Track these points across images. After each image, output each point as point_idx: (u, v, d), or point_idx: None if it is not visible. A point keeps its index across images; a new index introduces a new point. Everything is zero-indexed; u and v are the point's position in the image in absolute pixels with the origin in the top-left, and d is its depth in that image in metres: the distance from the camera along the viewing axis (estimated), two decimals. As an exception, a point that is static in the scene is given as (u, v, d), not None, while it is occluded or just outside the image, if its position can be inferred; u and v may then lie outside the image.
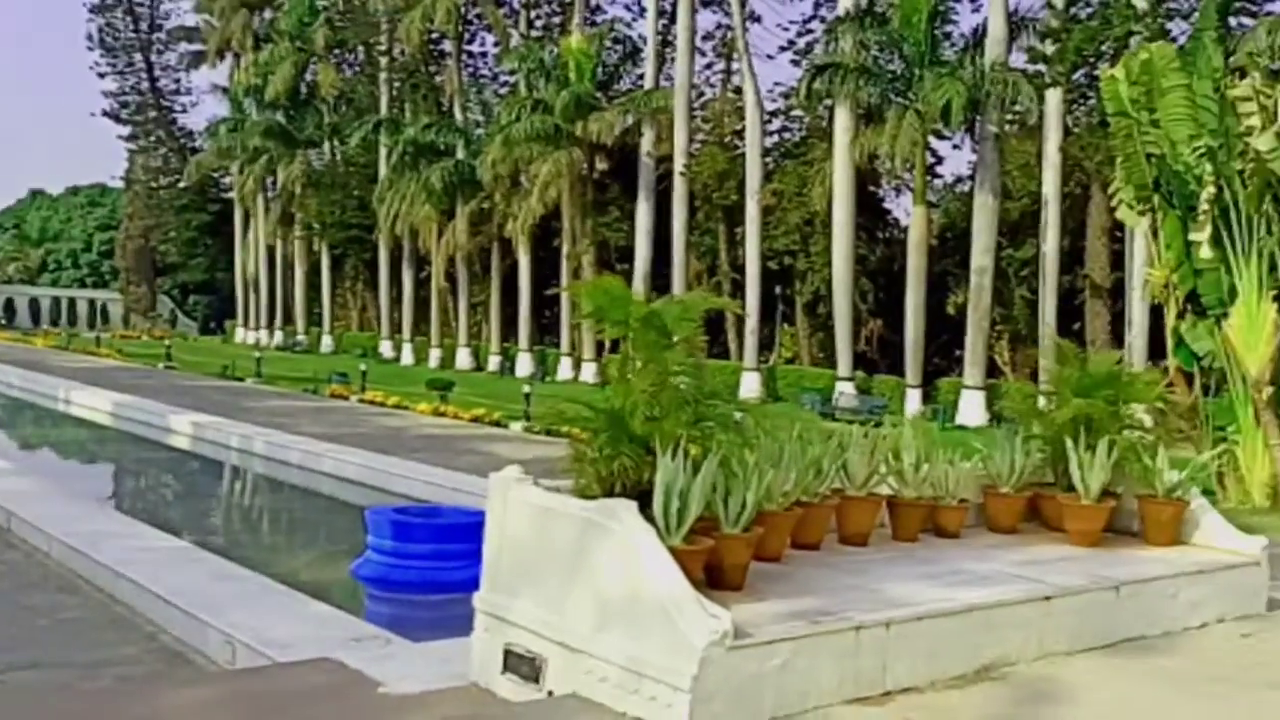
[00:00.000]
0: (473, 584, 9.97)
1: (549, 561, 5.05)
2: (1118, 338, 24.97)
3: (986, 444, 7.74)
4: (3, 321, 67.52)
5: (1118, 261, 26.67)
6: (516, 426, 21.88)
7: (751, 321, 32.93)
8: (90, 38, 69.40)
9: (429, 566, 9.85)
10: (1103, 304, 27.30)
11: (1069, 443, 6.56)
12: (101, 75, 70.28)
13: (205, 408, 22.05)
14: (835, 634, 4.61)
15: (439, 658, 5.91)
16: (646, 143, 37.35)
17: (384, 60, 49.99)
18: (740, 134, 37.96)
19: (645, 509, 4.87)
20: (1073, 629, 5.40)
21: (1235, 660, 5.40)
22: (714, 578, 5.08)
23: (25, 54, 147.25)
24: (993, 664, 5.07)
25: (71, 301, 73.40)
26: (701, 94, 39.34)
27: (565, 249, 39.69)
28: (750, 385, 32.12)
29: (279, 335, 58.12)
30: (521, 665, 5.00)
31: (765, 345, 36.24)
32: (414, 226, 46.16)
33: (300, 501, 15.24)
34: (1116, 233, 26.07)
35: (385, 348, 49.55)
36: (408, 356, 47.69)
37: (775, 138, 38.47)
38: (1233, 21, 20.59)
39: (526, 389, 24.38)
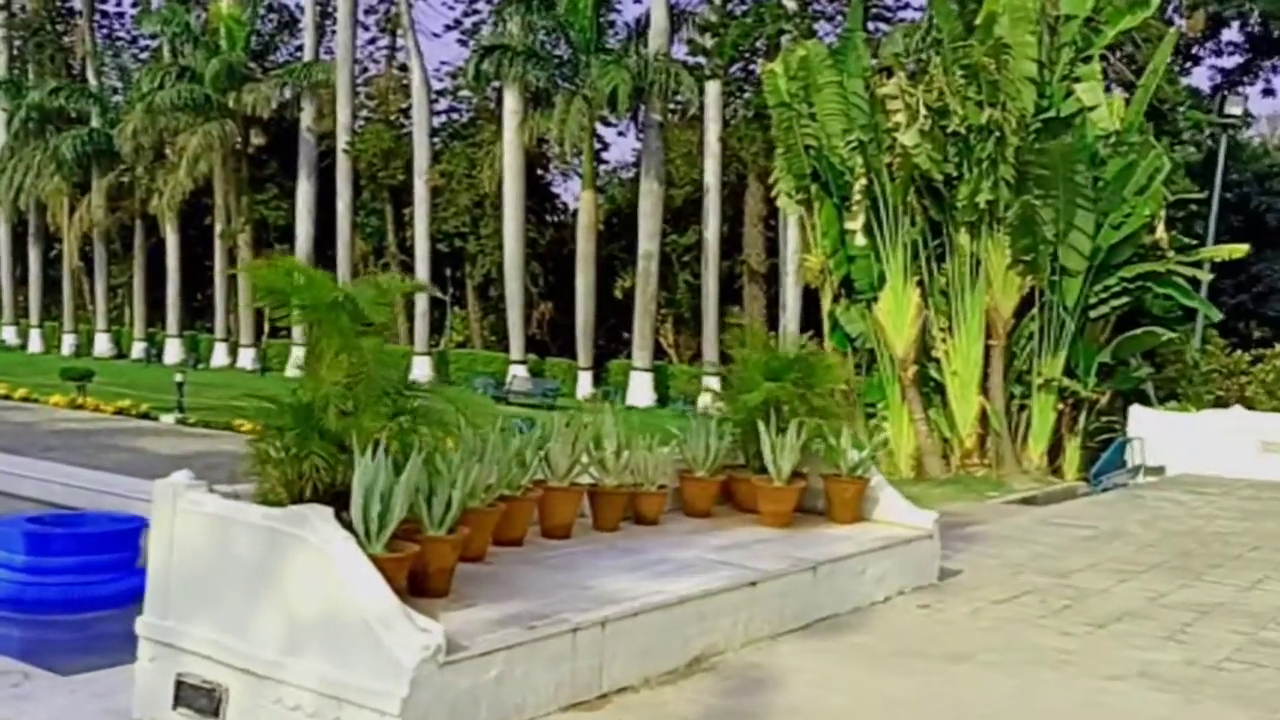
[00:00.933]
0: (126, 598, 9.04)
1: (229, 578, 4.49)
2: (772, 320, 26.46)
3: (652, 424, 7.78)
4: None
5: (772, 248, 28.24)
6: (168, 419, 20.26)
7: (422, 304, 32.26)
8: None
9: (72, 582, 8.75)
10: (759, 288, 28.83)
11: (761, 426, 6.67)
12: None
13: None
14: (552, 638, 4.37)
15: (92, 692, 5.12)
16: (307, 117, 35.68)
17: (1, 15, 44.70)
18: (406, 113, 37.05)
19: (340, 514, 4.42)
20: (776, 613, 5.45)
21: (919, 633, 5.65)
22: (417, 584, 4.71)
23: None
24: (703, 654, 5.02)
25: None
26: (365, 70, 38.07)
27: (219, 228, 37.25)
28: (422, 370, 31.49)
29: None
30: (198, 697, 4.41)
31: (435, 328, 35.64)
32: (41, 200, 41.81)
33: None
34: (770, 220, 27.59)
35: (8, 334, 44.66)
36: (36, 344, 43.17)
37: (443, 118, 37.83)
38: (871, 26, 22.29)
39: (179, 377, 22.62)
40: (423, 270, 32.17)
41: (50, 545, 8.84)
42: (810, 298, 22.69)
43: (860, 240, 14.09)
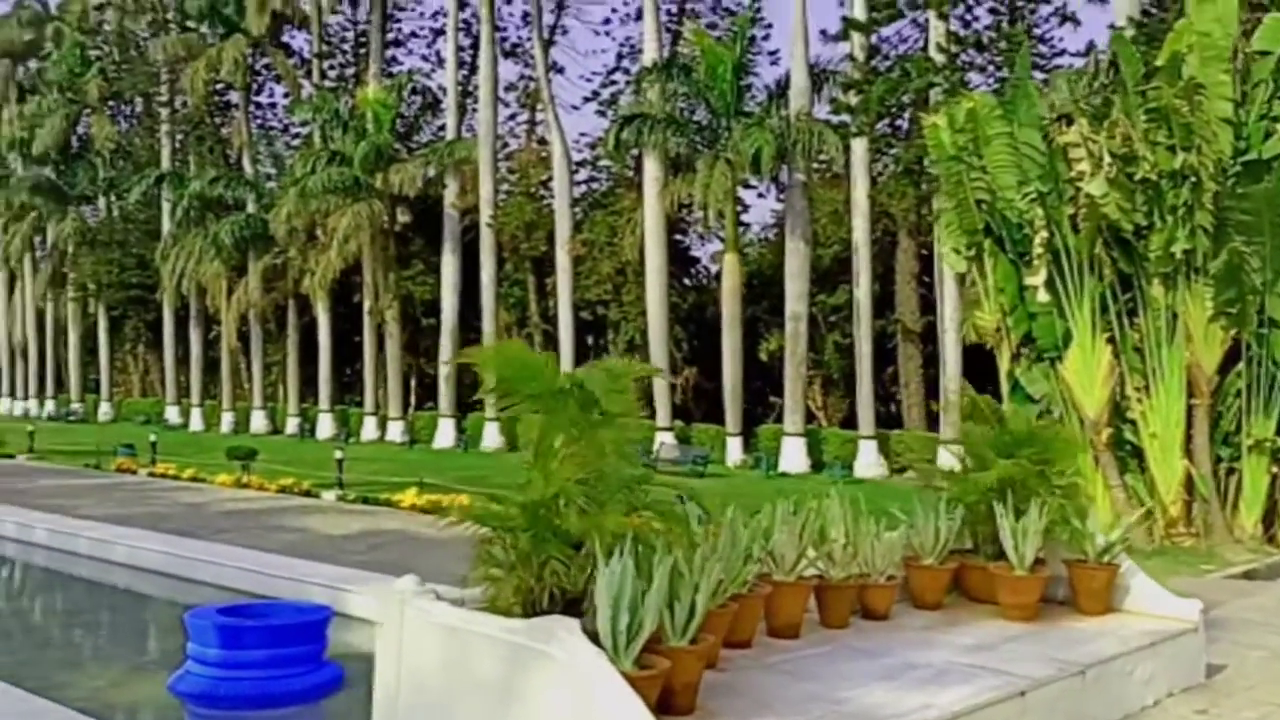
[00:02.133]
0: (316, 693, 8.87)
1: (465, 694, 4.16)
2: (929, 380, 25.60)
3: (806, 489, 7.23)
4: None
5: (926, 305, 27.44)
6: (330, 495, 20.44)
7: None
8: None
9: (265, 677, 8.61)
10: (915, 347, 28.01)
11: (998, 508, 6.12)
12: None
13: (-32, 492, 19.67)
14: (825, 766, 3.92)
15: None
16: (450, 194, 36.41)
17: (165, 111, 47.21)
18: (547, 184, 37.54)
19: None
20: (1045, 724, 4.89)
21: (1207, 742, 5.02)
22: (662, 702, 4.29)
23: None
24: (976, 774, 4.49)
25: None
26: (506, 144, 38.81)
27: (367, 304, 38.17)
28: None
29: (50, 405, 53.75)
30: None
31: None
32: (201, 284, 43.58)
33: (96, 600, 13.48)
34: (924, 277, 26.84)
35: (172, 413, 46.39)
36: (197, 422, 44.75)
37: (583, 188, 38.27)
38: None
39: (338, 454, 22.88)
40: (566, 338, 32.29)
41: (243, 638, 8.73)
42: (971, 356, 21.85)
43: (1042, 296, 13.37)
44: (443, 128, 39.37)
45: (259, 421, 42.40)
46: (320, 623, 9.12)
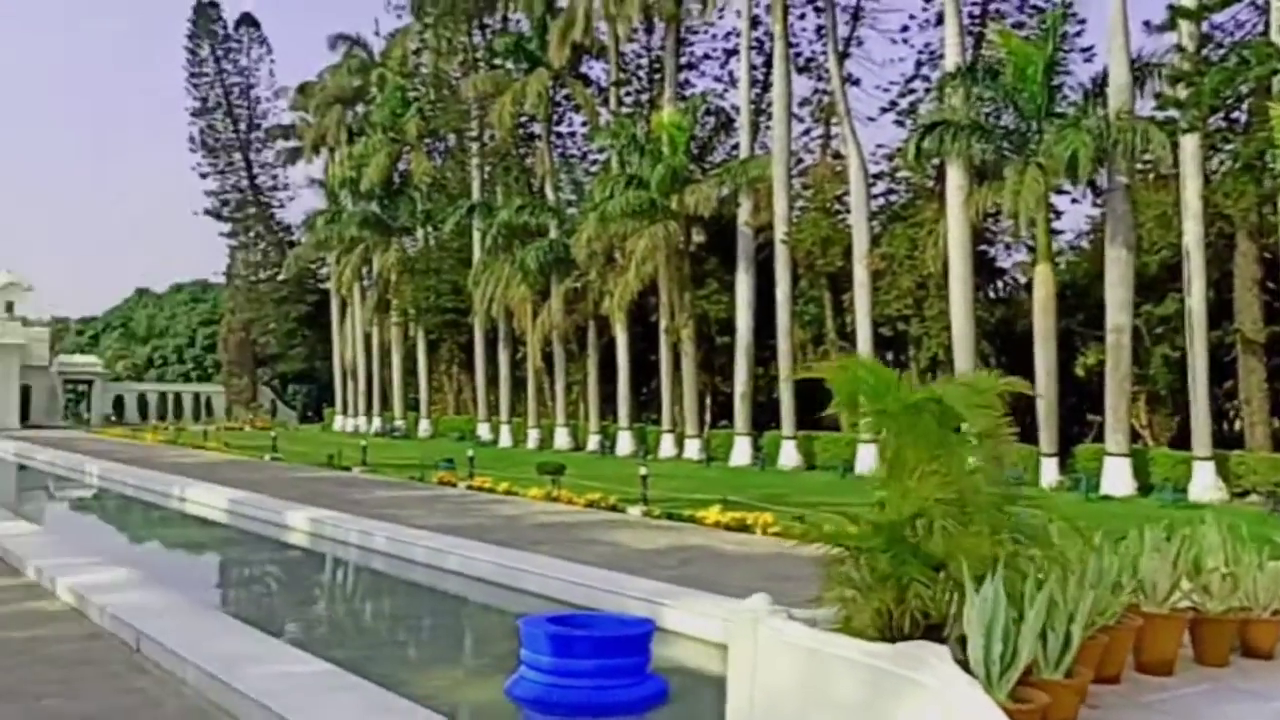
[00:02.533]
0: (639, 705, 8.99)
1: (823, 718, 4.00)
2: (1276, 395, 23.20)
3: (1133, 516, 6.50)
4: (113, 418, 68.81)
5: (1270, 314, 24.97)
6: (635, 511, 20.87)
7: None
8: (192, 140, 71.64)
9: (593, 686, 8.83)
10: (1257, 359, 25.51)
11: None
12: (203, 175, 72.37)
13: (317, 501, 21.50)
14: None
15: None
16: (744, 212, 36.63)
17: (475, 146, 50.33)
18: (842, 199, 37.07)
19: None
20: None
21: None
22: (1037, 738, 3.98)
23: (129, 159, 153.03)
24: None
25: (177, 396, 74.66)
26: (800, 160, 38.65)
27: (663, 324, 38.98)
28: (867, 460, 30.78)
29: (377, 421, 58.22)
30: None
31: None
32: (509, 307, 46.00)
33: (431, 605, 14.35)
34: (1268, 283, 24.45)
35: (483, 430, 49.12)
36: (505, 438, 47.17)
37: (880, 200, 37.50)
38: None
39: (643, 470, 23.40)
40: (865, 355, 31.61)
41: (573, 647, 9.02)
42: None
43: None
44: (736, 147, 39.72)
45: (562, 438, 44.14)
46: (644, 636, 9.28)
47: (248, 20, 72.38)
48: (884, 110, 37.31)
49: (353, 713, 7.20)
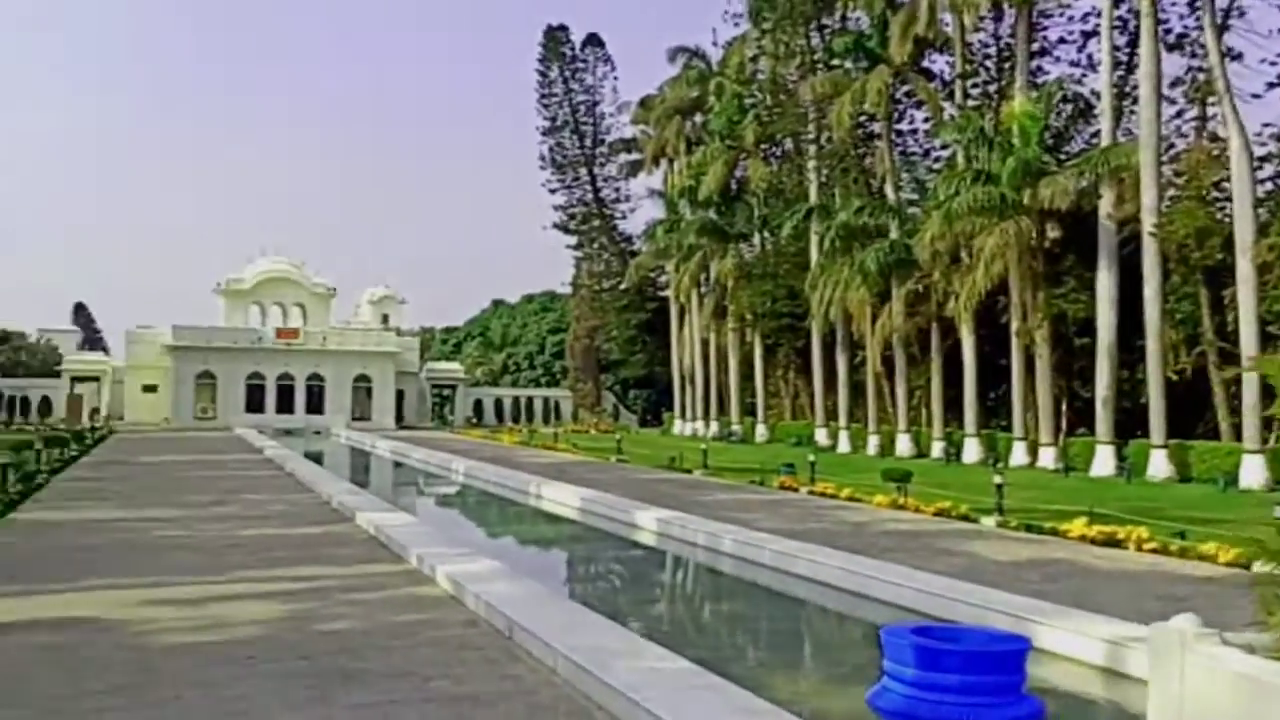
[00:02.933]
0: (1012, 726, 8.32)
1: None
2: None
3: None
4: (473, 420, 74.21)
5: None
6: (989, 521, 19.79)
7: (1250, 395, 28.52)
8: (542, 158, 76.04)
9: (962, 703, 8.28)
10: None
11: None
12: (552, 191, 76.64)
13: (663, 501, 21.93)
14: None
15: None
16: (1106, 204, 34.04)
17: (812, 148, 50.05)
18: (1221, 185, 33.70)
19: None
20: None
21: None
22: None
23: (485, 180, 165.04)
24: None
25: (529, 400, 79.52)
26: (1171, 145, 35.44)
27: (1014, 325, 36.94)
28: (1253, 472, 27.71)
29: (714, 425, 59.14)
30: None
31: (1269, 423, 31.31)
32: (847, 311, 45.35)
33: (781, 609, 14.17)
34: None
35: (820, 435, 48.66)
36: (844, 444, 46.49)
37: (1268, 185, 33.74)
38: None
39: (998, 479, 22.16)
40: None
41: (940, 661, 8.52)
42: None
43: None
44: (1096, 135, 37.11)
45: (904, 445, 42.93)
46: (1019, 653, 8.60)
47: (593, 40, 75.96)
48: (1271, 85, 33.47)
49: (719, 712, 7.08)
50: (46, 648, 9.14)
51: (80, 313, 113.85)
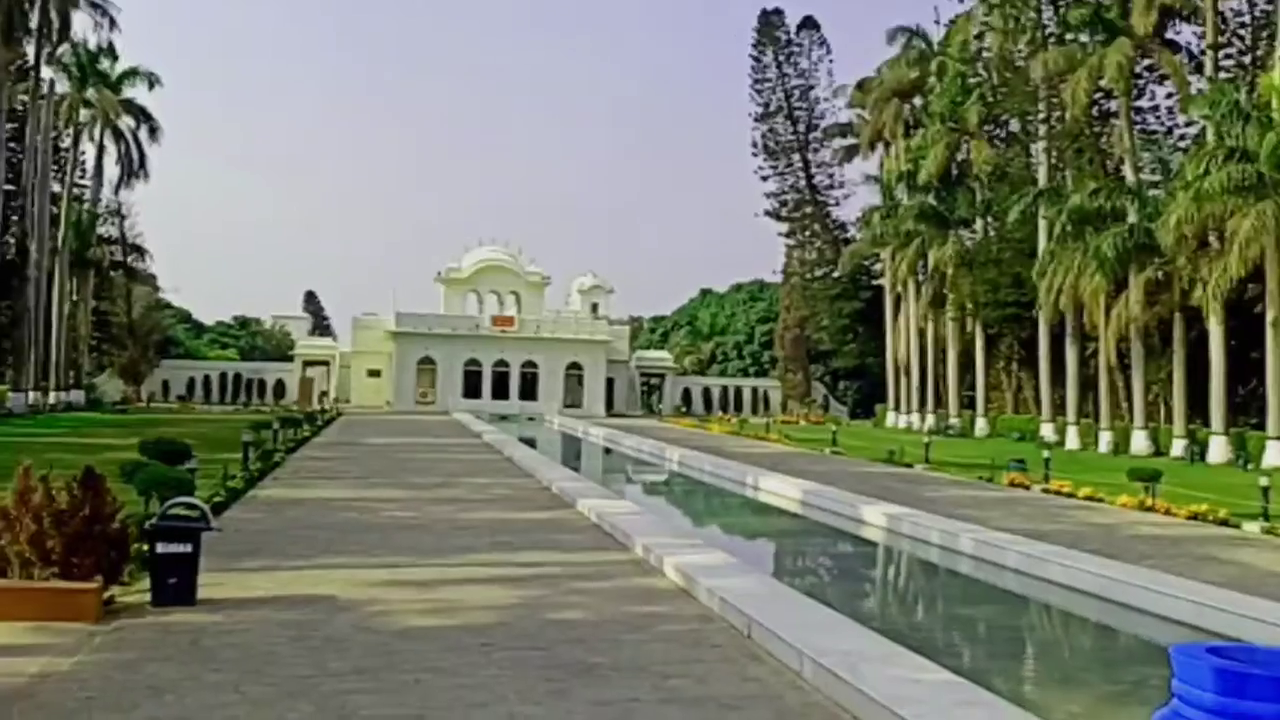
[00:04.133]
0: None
1: None
2: None
3: None
4: (682, 409, 74.34)
5: None
6: (1252, 527, 18.03)
7: None
8: (755, 144, 75.29)
9: (1274, 733, 7.22)
10: None
11: None
12: (764, 178, 75.86)
13: (888, 496, 20.99)
14: None
15: None
16: (1381, 182, 30.80)
17: (1042, 128, 47.47)
18: None
19: None
20: None
21: None
22: None
23: (697, 170, 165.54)
24: None
25: (738, 390, 79.09)
26: None
27: (1270, 315, 33.91)
28: None
29: (930, 419, 57.15)
30: None
31: None
32: (1079, 300, 42.79)
33: (1036, 618, 13.15)
34: None
35: (1047, 430, 46.15)
36: (1073, 440, 43.96)
37: None
38: None
39: (1263, 480, 20.25)
40: None
41: (1246, 687, 7.48)
42: None
43: None
44: (1368, 106, 33.66)
45: (1140, 442, 40.24)
46: (1341, 681, 7.48)
47: (809, 24, 74.70)
48: None
49: (994, 737, 6.33)
50: (290, 625, 9.20)
51: (311, 300, 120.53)
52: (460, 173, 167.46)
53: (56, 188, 55.40)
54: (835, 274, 71.39)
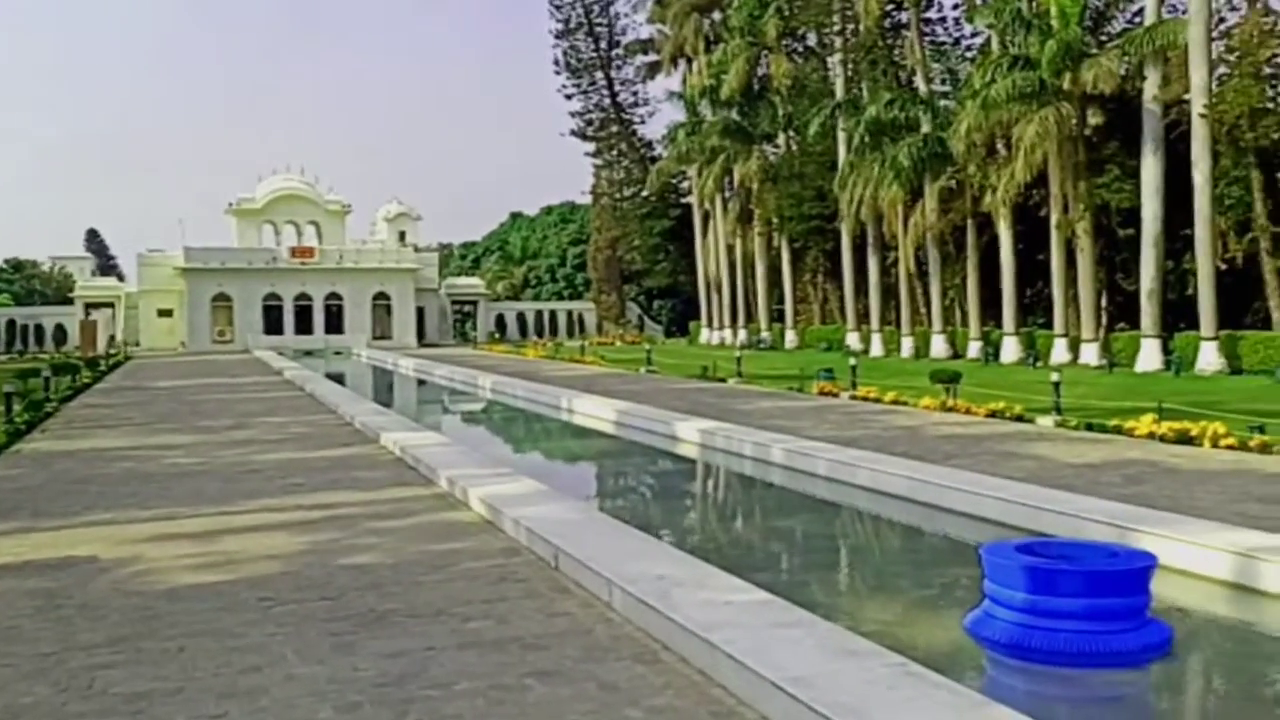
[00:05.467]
0: (1138, 655, 7.24)
1: None
2: None
3: None
4: (496, 335, 73.20)
5: None
6: (1046, 421, 18.68)
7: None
8: (556, 62, 73.68)
9: (1081, 629, 7.17)
10: None
11: None
12: (568, 97, 74.41)
13: (701, 411, 20.87)
14: None
15: None
16: (1151, 86, 32.26)
17: (837, 41, 47.90)
18: (1276, 60, 31.80)
19: None
20: None
21: None
22: None
23: (501, 91, 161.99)
24: None
25: (552, 313, 78.34)
26: (1221, 20, 33.37)
27: (1054, 218, 35.43)
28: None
29: (742, 334, 57.94)
30: None
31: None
32: (878, 210, 43.83)
33: (846, 526, 13.10)
34: None
35: (852, 339, 47.45)
36: (877, 347, 45.31)
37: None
38: None
39: (1054, 376, 21.04)
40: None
41: (1056, 583, 7.40)
42: None
43: None
44: (1139, 14, 35.08)
45: (939, 346, 41.76)
46: (1143, 571, 7.49)
47: (604, -65, 73.00)
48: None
49: (810, 655, 5.98)
50: (38, 594, 8.14)
51: (93, 239, 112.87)
52: (256, 101, 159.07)
53: None
54: (644, 193, 71.05)
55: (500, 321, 76.54)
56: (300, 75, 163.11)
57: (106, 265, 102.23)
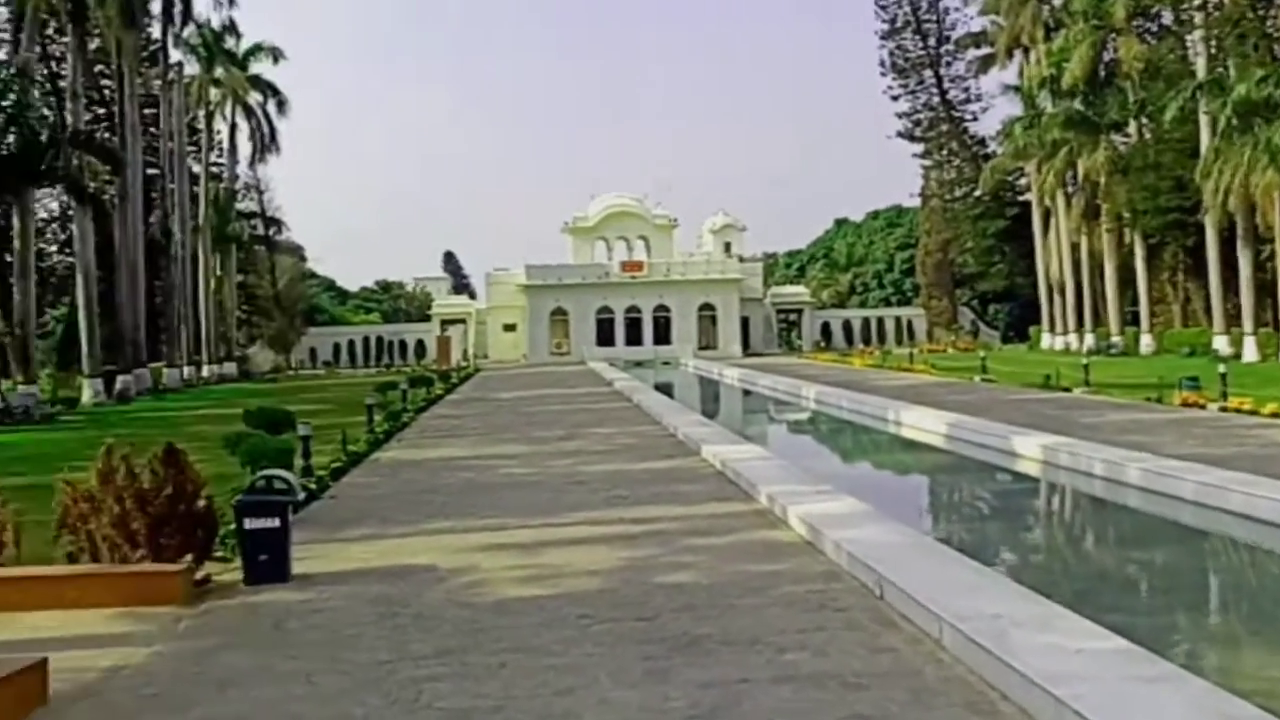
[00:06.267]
0: None
1: None
2: None
3: None
4: (822, 344, 72.44)
5: None
6: None
7: None
8: (882, 63, 72.09)
9: None
10: None
11: None
12: (894, 98, 72.67)
13: (1043, 425, 19.34)
14: None
15: None
16: None
17: (1198, 16, 43.66)
18: None
19: None
20: None
21: None
22: None
23: (824, 97, 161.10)
24: None
25: (879, 320, 76.62)
26: None
27: None
28: None
29: (1089, 338, 54.16)
30: None
31: None
32: (1250, 199, 39.41)
33: (1217, 558, 11.61)
34: None
35: (1220, 343, 42.99)
36: (1250, 352, 40.78)
37: None
38: None
39: None
40: None
41: None
42: None
43: None
44: None
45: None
46: None
47: (933, -71, 70.70)
48: None
49: (1179, 719, 5.11)
50: (381, 600, 8.55)
51: (450, 261, 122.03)
52: (588, 121, 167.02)
53: (195, 168, 56.76)
54: (977, 193, 68.18)
55: (826, 329, 75.69)
56: (631, 94, 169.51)
57: (461, 284, 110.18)
